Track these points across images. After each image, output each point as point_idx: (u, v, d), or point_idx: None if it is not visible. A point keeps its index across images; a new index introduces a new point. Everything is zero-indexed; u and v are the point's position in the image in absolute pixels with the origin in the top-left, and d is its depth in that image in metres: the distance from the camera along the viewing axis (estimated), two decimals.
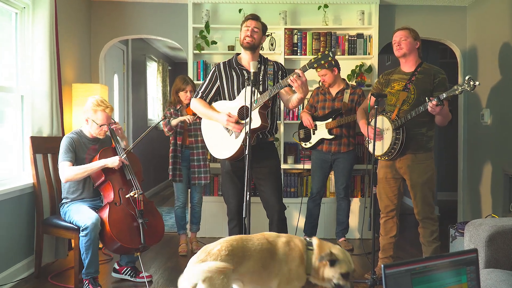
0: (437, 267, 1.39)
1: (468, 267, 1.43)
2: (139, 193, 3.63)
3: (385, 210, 3.80)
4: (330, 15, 5.38)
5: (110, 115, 3.73)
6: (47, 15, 4.09)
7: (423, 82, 3.57)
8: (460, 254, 1.44)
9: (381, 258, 3.88)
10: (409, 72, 3.66)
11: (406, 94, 3.58)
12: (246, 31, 3.42)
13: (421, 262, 1.37)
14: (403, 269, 1.34)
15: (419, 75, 3.60)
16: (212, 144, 3.54)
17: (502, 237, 2.55)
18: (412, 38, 3.62)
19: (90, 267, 3.41)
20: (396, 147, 3.54)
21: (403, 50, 3.62)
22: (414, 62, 3.66)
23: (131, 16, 5.53)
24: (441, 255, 1.42)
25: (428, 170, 3.62)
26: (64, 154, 3.57)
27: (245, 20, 3.46)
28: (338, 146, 4.70)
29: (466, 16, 5.50)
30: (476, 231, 2.66)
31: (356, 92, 4.74)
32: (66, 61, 4.78)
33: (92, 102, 3.69)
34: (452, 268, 1.42)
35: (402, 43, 3.61)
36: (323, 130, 4.70)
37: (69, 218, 3.58)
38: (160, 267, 4.21)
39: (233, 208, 3.59)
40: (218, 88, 3.53)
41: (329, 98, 4.75)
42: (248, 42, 3.42)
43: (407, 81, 3.61)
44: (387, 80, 3.77)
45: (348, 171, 4.78)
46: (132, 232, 3.52)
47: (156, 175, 8.45)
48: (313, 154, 4.90)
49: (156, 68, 8.70)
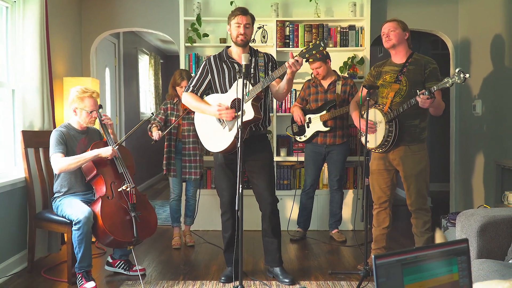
0: (428, 257, 1.39)
1: (459, 257, 1.43)
2: (131, 186, 3.61)
3: (378, 202, 3.80)
4: (322, 7, 5.37)
5: (96, 100, 3.73)
6: (37, 9, 4.06)
7: (414, 74, 3.55)
8: (451, 244, 1.44)
9: (374, 249, 3.88)
10: (400, 63, 3.64)
11: (398, 86, 3.56)
12: (238, 27, 3.40)
13: (411, 252, 1.37)
14: (393, 259, 1.33)
15: (410, 66, 3.58)
16: (205, 137, 3.54)
17: (494, 227, 2.57)
18: (401, 29, 3.59)
19: (83, 261, 3.40)
20: (390, 139, 3.54)
21: (392, 41, 3.59)
22: (404, 53, 3.64)
23: (122, 9, 5.49)
24: (431, 245, 1.43)
25: (422, 161, 3.61)
26: (56, 146, 3.55)
27: (234, 16, 3.42)
28: (333, 138, 4.70)
29: (458, 7, 5.50)
30: (468, 222, 2.67)
31: (347, 83, 4.73)
32: (57, 55, 4.75)
33: (77, 91, 3.67)
34: (443, 258, 1.42)
35: (391, 34, 3.59)
36: (318, 123, 4.69)
37: (61, 212, 3.57)
38: (154, 260, 4.21)
39: (226, 201, 3.59)
40: (209, 81, 3.53)
41: (321, 90, 4.74)
42: (242, 40, 3.41)
43: (398, 72, 3.59)
44: (378, 72, 3.75)
45: (342, 163, 4.79)
46: (125, 225, 3.51)
47: (149, 168, 8.44)
48: (306, 147, 4.89)
49: (148, 61, 8.66)
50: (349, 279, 3.65)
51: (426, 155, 3.66)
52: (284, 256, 4.01)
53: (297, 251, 4.49)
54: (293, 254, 4.38)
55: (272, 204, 3.56)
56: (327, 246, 4.66)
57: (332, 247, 4.63)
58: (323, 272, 3.83)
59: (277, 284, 3.55)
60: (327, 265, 4.03)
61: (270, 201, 3.55)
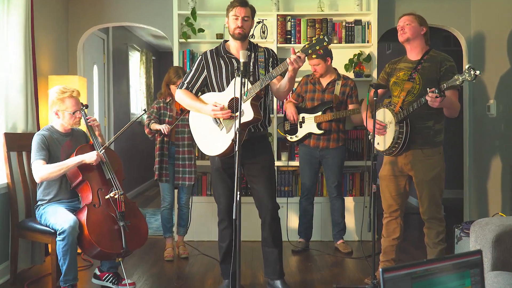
0: (439, 270, 1.39)
1: (472, 270, 1.43)
2: (119, 193, 3.60)
3: (388, 210, 3.77)
4: (326, 1, 5.37)
5: (78, 98, 3.72)
6: (22, 3, 4.07)
7: (429, 71, 3.52)
8: (464, 256, 1.44)
9: (382, 261, 3.87)
10: (415, 60, 3.62)
11: (411, 85, 3.53)
12: (236, 20, 3.40)
13: (422, 265, 1.37)
14: (403, 272, 1.33)
15: (425, 63, 3.55)
16: (201, 139, 3.53)
17: (510, 237, 2.56)
18: (418, 23, 3.59)
19: (68, 273, 3.38)
20: (400, 141, 3.49)
21: (406, 35, 3.58)
22: (420, 49, 3.63)
23: (111, 3, 5.49)
24: (443, 257, 1.42)
25: (436, 166, 3.58)
26: (37, 153, 3.54)
27: (232, 7, 3.42)
28: (326, 141, 4.68)
29: (470, 1, 5.50)
30: (482, 231, 2.66)
31: (348, 83, 4.72)
32: (41, 52, 4.75)
33: (56, 92, 3.66)
34: (455, 271, 1.41)
35: (406, 28, 3.58)
36: (311, 124, 4.68)
37: (45, 221, 3.55)
38: (144, 273, 4.20)
39: (223, 208, 3.58)
40: (205, 78, 3.52)
41: (319, 89, 4.74)
42: (239, 33, 3.40)
43: (412, 70, 3.58)
44: (392, 69, 3.74)
45: (339, 168, 4.78)
46: (113, 235, 3.49)
47: (140, 173, 8.43)
48: (300, 149, 4.88)
49: (139, 58, 8.67)
50: None
51: (441, 160, 3.62)
52: (286, 268, 3.99)
53: (299, 263, 4.48)
54: (294, 267, 4.37)
55: (272, 210, 3.54)
56: (331, 258, 4.65)
57: (337, 259, 4.62)
58: (327, 286, 3.83)
59: None
60: (332, 279, 4.02)
61: (271, 207, 3.53)
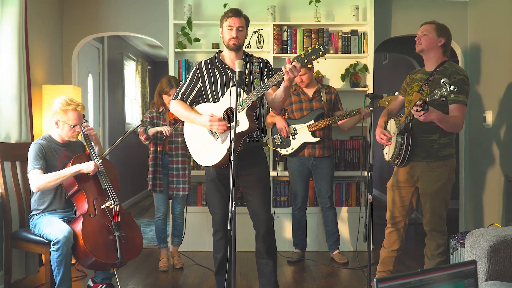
0: (433, 280, 1.41)
1: (466, 280, 1.46)
2: (115, 203, 3.61)
3: (391, 220, 3.77)
4: (322, 11, 5.42)
5: (81, 113, 3.73)
6: (16, 12, 4.09)
7: (437, 84, 3.41)
8: (458, 266, 1.46)
9: (379, 272, 3.87)
10: (429, 71, 3.62)
11: (419, 96, 3.45)
12: (230, 31, 3.42)
13: (416, 276, 1.39)
14: (397, 283, 1.35)
15: (437, 75, 3.53)
16: (196, 150, 3.54)
17: (504, 248, 2.58)
18: (436, 33, 3.57)
19: (62, 284, 3.38)
20: (401, 153, 3.51)
21: (421, 46, 3.59)
22: (435, 60, 3.61)
23: (107, 12, 5.52)
24: (437, 267, 1.45)
25: (441, 178, 3.55)
26: (34, 162, 3.56)
27: (227, 17, 3.43)
28: (322, 149, 4.71)
29: (466, 12, 5.56)
30: (478, 242, 2.69)
31: (331, 91, 4.80)
32: (35, 61, 4.76)
33: (60, 103, 3.68)
34: (449, 281, 1.43)
35: (422, 38, 3.58)
36: (306, 133, 4.69)
37: (39, 231, 3.56)
38: (139, 284, 4.20)
39: (218, 219, 3.58)
40: (200, 88, 3.53)
41: (305, 99, 4.77)
42: (234, 44, 3.42)
43: (424, 81, 3.58)
44: (411, 80, 3.75)
45: (331, 177, 4.81)
46: (108, 246, 3.50)
47: (134, 184, 8.43)
48: (290, 161, 4.87)
49: (134, 68, 8.69)
50: None
51: (447, 172, 3.57)
52: (281, 279, 4.01)
53: (295, 274, 4.49)
54: (290, 277, 4.38)
55: (267, 222, 3.54)
56: (327, 268, 4.67)
57: (333, 269, 4.64)
58: None
59: None
60: None
61: (265, 219, 3.53)
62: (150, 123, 4.49)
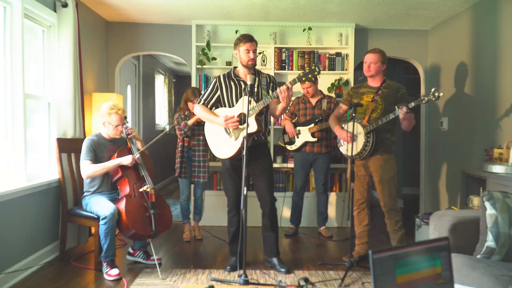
0: (415, 252, 1.38)
1: (442, 253, 1.42)
2: (151, 187, 3.58)
3: (357, 203, 3.82)
4: (313, 36, 5.38)
5: (122, 116, 3.70)
6: (71, 33, 4.04)
7: (388, 95, 3.64)
8: (435, 241, 1.43)
9: (358, 244, 3.87)
10: (376, 86, 3.73)
11: (374, 105, 3.64)
12: (248, 53, 3.38)
13: (402, 248, 1.36)
14: (387, 254, 1.32)
15: (385, 90, 3.67)
16: (214, 145, 3.51)
17: (463, 226, 2.56)
18: (381, 62, 3.69)
19: (109, 251, 3.36)
20: (367, 148, 3.60)
21: (371, 72, 3.71)
22: (379, 79, 3.75)
23: (143, 35, 5.47)
24: (418, 242, 1.41)
25: (392, 168, 3.67)
26: (86, 154, 3.52)
27: (244, 42, 3.38)
28: (319, 147, 4.68)
29: (427, 38, 5.53)
30: (440, 221, 2.66)
31: (332, 101, 4.75)
32: (86, 73, 4.72)
33: (106, 107, 3.65)
34: (428, 253, 1.41)
35: (372, 66, 3.69)
36: (307, 134, 4.68)
37: (90, 209, 3.53)
38: (168, 251, 4.16)
39: (232, 200, 3.56)
40: (218, 96, 3.51)
41: (309, 106, 4.74)
42: (252, 64, 3.41)
43: (374, 94, 3.68)
44: (355, 93, 3.82)
45: (327, 169, 4.77)
46: (145, 221, 3.48)
47: (162, 172, 8.39)
48: (296, 156, 4.86)
49: (163, 80, 8.64)
50: (336, 269, 3.62)
51: (395, 163, 3.73)
52: (280, 249, 3.97)
53: (291, 245, 4.46)
54: (287, 247, 4.35)
55: (271, 202, 3.54)
56: (316, 240, 4.63)
57: (321, 241, 4.60)
58: (313, 263, 3.81)
59: (275, 272, 3.51)
60: (317, 257, 4.00)
61: (269, 200, 3.53)
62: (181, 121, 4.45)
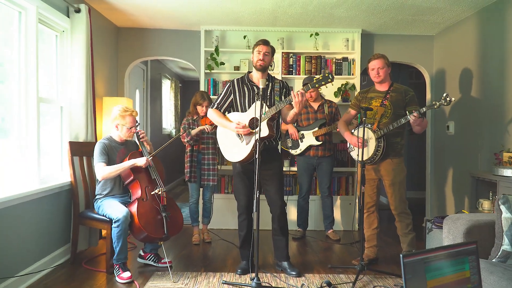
0: (445, 256, 1.35)
1: (470, 257, 1.39)
2: (162, 190, 3.55)
3: (366, 207, 3.77)
4: (320, 42, 5.36)
5: (135, 118, 3.68)
6: (83, 38, 4.02)
7: (396, 99, 3.61)
8: (463, 245, 1.39)
9: (367, 248, 3.82)
10: (384, 91, 3.69)
11: (384, 109, 3.60)
12: (258, 54, 3.37)
13: (432, 252, 1.32)
14: (418, 258, 1.29)
15: (393, 93, 3.63)
16: (226, 149, 3.48)
17: (478, 230, 2.52)
18: (387, 66, 3.68)
19: (121, 253, 3.32)
20: (379, 153, 3.55)
21: (381, 78, 3.67)
22: (387, 83, 3.71)
23: (152, 41, 5.45)
24: (447, 245, 1.38)
25: (402, 171, 3.63)
26: (99, 157, 3.49)
27: (257, 45, 3.40)
28: (323, 151, 4.64)
29: (433, 44, 5.50)
30: (455, 225, 2.62)
31: (333, 105, 4.72)
32: (97, 78, 4.69)
33: (119, 110, 3.62)
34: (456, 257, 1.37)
35: (380, 72, 3.66)
36: (311, 138, 4.63)
37: (102, 212, 3.49)
38: (178, 254, 4.12)
39: (243, 204, 3.52)
40: (231, 100, 3.48)
41: (311, 111, 4.70)
42: (260, 65, 3.38)
43: (383, 98, 3.64)
44: (364, 98, 3.79)
45: (331, 172, 4.73)
46: (157, 224, 3.44)
47: (169, 175, 8.34)
48: (298, 160, 4.80)
49: (169, 85, 8.62)
50: (346, 273, 3.57)
51: (405, 167, 3.69)
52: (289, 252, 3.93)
53: (299, 248, 4.41)
54: (296, 251, 4.30)
55: (281, 206, 3.50)
56: (324, 243, 4.58)
57: (328, 244, 4.55)
58: (323, 266, 3.76)
59: (285, 276, 3.47)
60: (326, 260, 3.95)
61: (280, 204, 3.49)
62: (187, 128, 4.42)
